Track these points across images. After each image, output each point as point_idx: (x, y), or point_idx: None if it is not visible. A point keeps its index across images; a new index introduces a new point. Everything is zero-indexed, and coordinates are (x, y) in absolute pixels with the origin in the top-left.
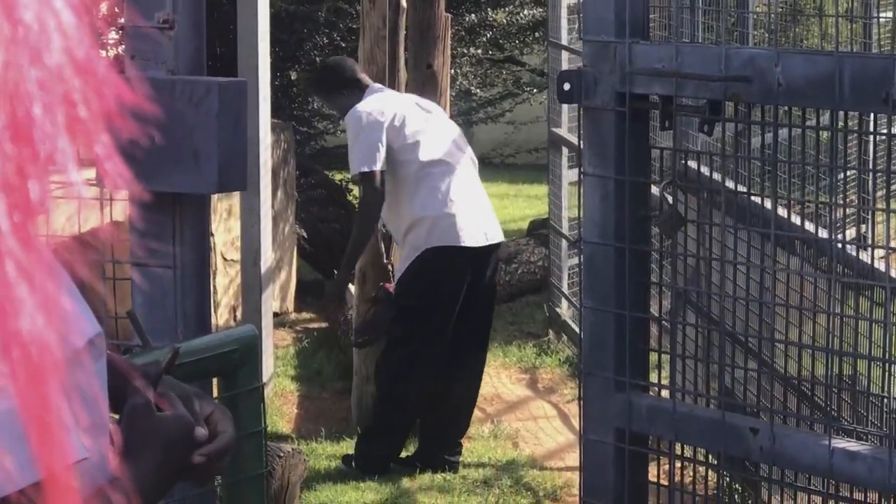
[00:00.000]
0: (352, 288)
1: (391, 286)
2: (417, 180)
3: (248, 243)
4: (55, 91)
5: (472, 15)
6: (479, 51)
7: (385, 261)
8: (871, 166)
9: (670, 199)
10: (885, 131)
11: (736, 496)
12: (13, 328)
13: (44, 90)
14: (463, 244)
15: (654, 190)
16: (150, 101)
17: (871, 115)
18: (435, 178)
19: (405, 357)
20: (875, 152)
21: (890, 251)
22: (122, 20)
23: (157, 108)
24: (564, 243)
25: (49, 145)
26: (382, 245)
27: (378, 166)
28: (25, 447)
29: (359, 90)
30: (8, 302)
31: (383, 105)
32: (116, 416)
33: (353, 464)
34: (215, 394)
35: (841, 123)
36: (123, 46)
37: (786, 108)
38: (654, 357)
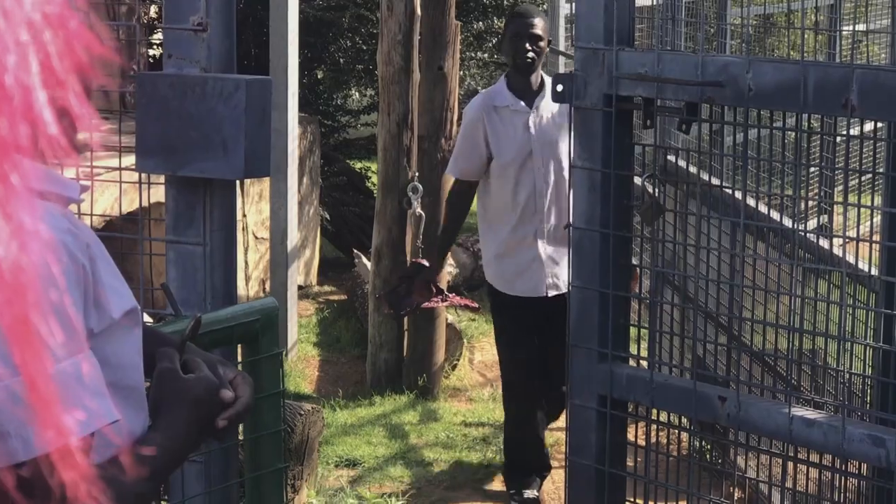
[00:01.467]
0: (367, 264)
1: (424, 261)
2: None
3: (276, 223)
4: (28, 42)
5: (480, 22)
6: (486, 55)
7: (418, 242)
8: (831, 164)
9: (651, 190)
10: (845, 133)
11: (706, 456)
12: None
13: (17, 41)
14: None
15: (637, 181)
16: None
17: (833, 118)
18: None
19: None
20: (835, 151)
21: (847, 240)
22: (161, 23)
23: (192, 103)
24: None
25: (23, 92)
26: (412, 225)
27: None
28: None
29: None
30: None
31: None
32: (147, 382)
33: (514, 494)
34: (239, 359)
35: (805, 125)
36: (162, 46)
37: (756, 110)
38: (634, 331)
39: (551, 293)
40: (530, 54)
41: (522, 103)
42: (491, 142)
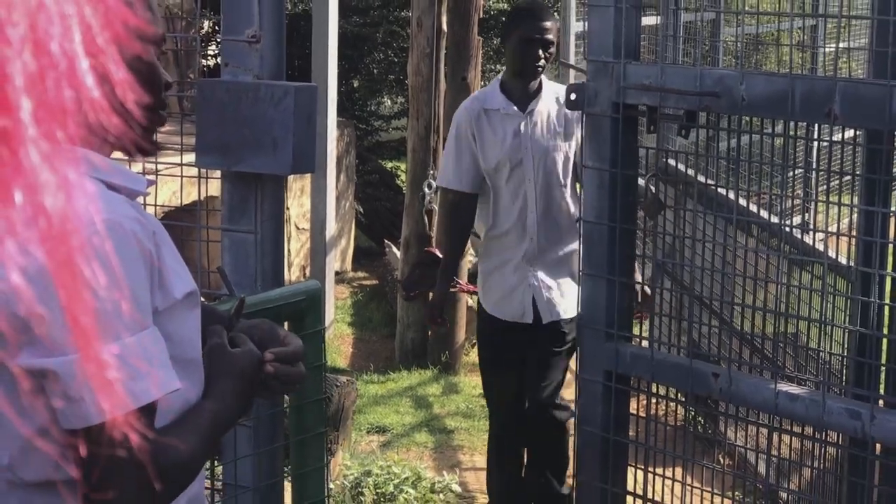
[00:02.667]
0: (397, 253)
1: (436, 250)
2: None
3: (316, 216)
4: (71, 13)
5: (499, 39)
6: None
7: (428, 231)
8: (814, 166)
9: (653, 188)
10: (826, 139)
11: (699, 427)
12: (38, 203)
13: (60, 12)
14: None
15: (641, 181)
16: (238, 101)
17: (816, 125)
18: None
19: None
20: (819, 156)
21: (828, 234)
22: (218, 35)
23: (246, 107)
24: None
25: (67, 58)
26: (426, 218)
27: None
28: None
29: None
30: (33, 181)
31: None
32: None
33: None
34: None
35: (791, 132)
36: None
37: (748, 118)
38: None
39: (546, 320)
40: (541, 63)
41: (514, 107)
42: (477, 146)
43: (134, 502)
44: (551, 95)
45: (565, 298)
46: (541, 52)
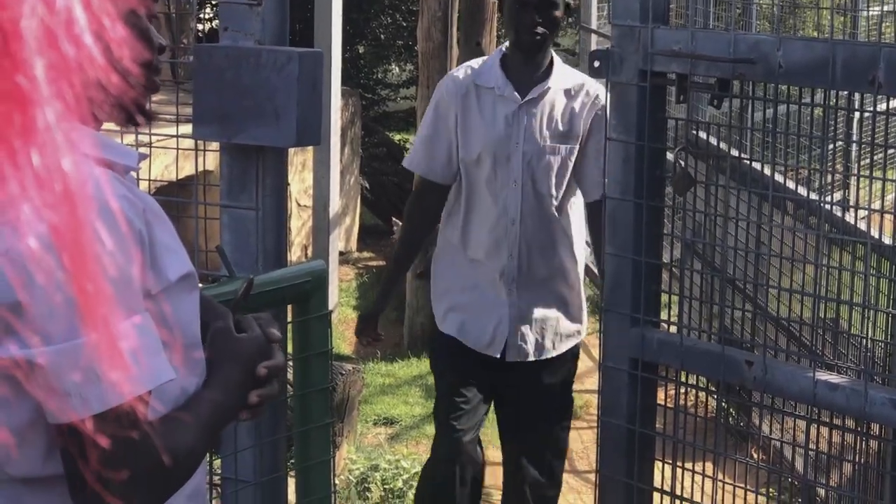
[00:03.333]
0: None
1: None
2: None
3: (318, 192)
4: None
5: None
6: None
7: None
8: (856, 139)
9: (682, 162)
10: (869, 109)
11: (731, 418)
12: (46, 162)
13: None
14: None
15: (669, 155)
16: (238, 67)
17: (858, 95)
18: None
19: None
20: (861, 127)
21: (871, 212)
22: None
23: (246, 74)
24: None
25: (67, 14)
26: None
27: None
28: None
29: None
30: (43, 141)
31: None
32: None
33: None
34: (289, 319)
35: (832, 102)
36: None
37: (784, 87)
38: (664, 298)
39: (511, 358)
40: (539, 29)
41: (513, 89)
42: (458, 129)
43: (123, 499)
44: (561, 84)
45: (543, 335)
46: (537, 16)
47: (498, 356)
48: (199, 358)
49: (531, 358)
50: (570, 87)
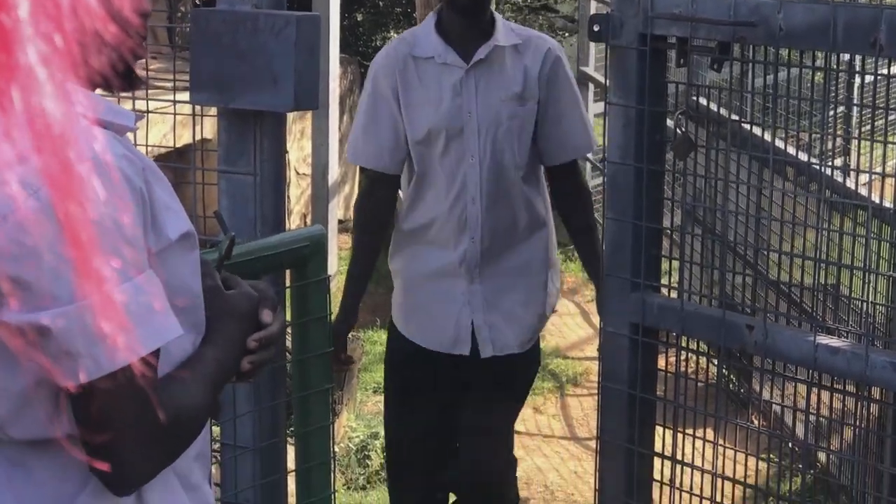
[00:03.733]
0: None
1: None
2: None
3: (317, 160)
4: None
5: None
6: None
7: None
8: (857, 103)
9: (683, 127)
10: (871, 72)
11: (731, 384)
12: (34, 106)
13: None
14: None
15: (669, 122)
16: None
17: (860, 58)
18: None
19: None
20: (862, 91)
21: (872, 177)
22: None
23: (244, 39)
24: (589, 166)
25: None
26: None
27: None
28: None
29: None
30: (29, 83)
31: None
32: None
33: None
34: (288, 284)
35: (833, 66)
36: None
37: (784, 51)
38: (664, 265)
39: (486, 354)
40: None
41: (456, 55)
42: (401, 108)
43: (137, 458)
44: (507, 41)
45: (517, 325)
46: None
47: (468, 353)
48: (201, 317)
49: (511, 350)
50: (517, 43)
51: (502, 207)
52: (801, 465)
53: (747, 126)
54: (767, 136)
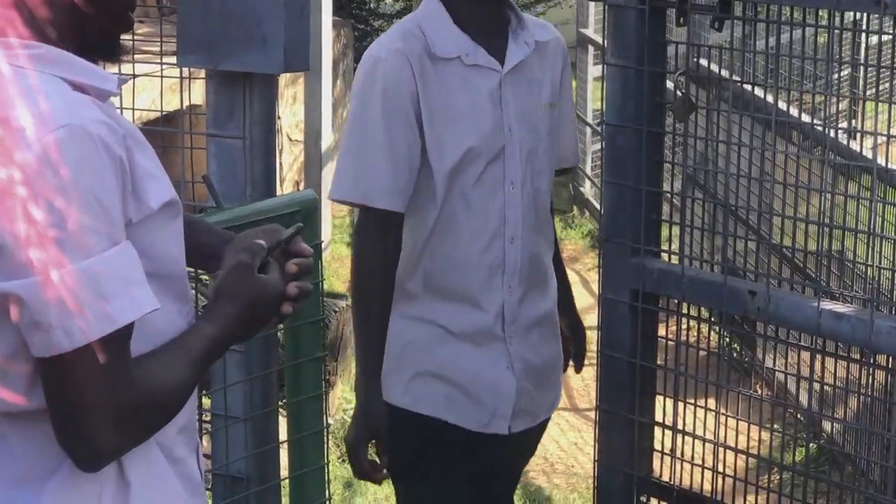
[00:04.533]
0: None
1: None
2: None
3: (310, 125)
4: None
5: None
6: None
7: None
8: (863, 63)
9: (683, 88)
10: (877, 31)
11: (734, 352)
12: None
13: None
14: None
15: (669, 85)
16: None
17: (865, 16)
18: None
19: None
20: (867, 52)
21: (878, 140)
22: None
23: None
24: (589, 130)
25: None
26: None
27: None
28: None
29: None
30: None
31: None
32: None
33: None
34: None
35: (837, 25)
36: None
37: (787, 9)
38: (664, 232)
39: (518, 427)
40: None
41: (487, 54)
42: (426, 125)
43: (106, 434)
44: (535, 37)
45: (553, 388)
46: None
47: (506, 432)
48: (184, 288)
49: (540, 420)
50: (541, 40)
51: (538, 245)
52: (805, 435)
53: (750, 88)
54: (770, 98)
